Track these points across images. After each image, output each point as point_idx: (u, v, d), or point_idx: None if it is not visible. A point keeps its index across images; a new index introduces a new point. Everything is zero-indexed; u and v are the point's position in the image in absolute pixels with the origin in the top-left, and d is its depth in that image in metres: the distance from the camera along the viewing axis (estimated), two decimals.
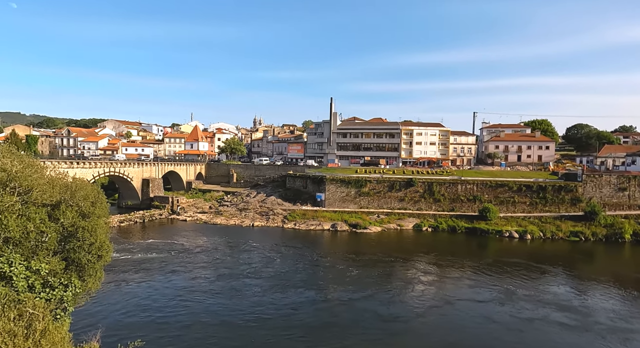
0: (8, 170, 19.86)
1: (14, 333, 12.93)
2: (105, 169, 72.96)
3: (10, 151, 21.24)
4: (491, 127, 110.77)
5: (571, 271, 45.34)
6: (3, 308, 13.76)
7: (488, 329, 28.85)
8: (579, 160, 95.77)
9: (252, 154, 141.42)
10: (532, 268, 45.43)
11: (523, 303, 34.02)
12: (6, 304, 14.86)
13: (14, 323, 13.27)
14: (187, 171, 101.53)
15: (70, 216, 22.06)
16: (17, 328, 13.15)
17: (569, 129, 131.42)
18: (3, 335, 12.63)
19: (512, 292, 37.08)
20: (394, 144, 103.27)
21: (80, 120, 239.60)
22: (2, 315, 13.25)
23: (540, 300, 35.05)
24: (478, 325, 29.55)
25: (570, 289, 38.90)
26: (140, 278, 38.92)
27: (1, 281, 17.34)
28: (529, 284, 39.69)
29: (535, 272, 44.31)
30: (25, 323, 13.79)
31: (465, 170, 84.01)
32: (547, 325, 29.57)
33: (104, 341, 16.53)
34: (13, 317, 13.61)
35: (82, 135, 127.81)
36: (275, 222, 72.07)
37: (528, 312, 32.10)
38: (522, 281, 40.54)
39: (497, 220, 66.32)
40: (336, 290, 36.63)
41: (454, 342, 26.82)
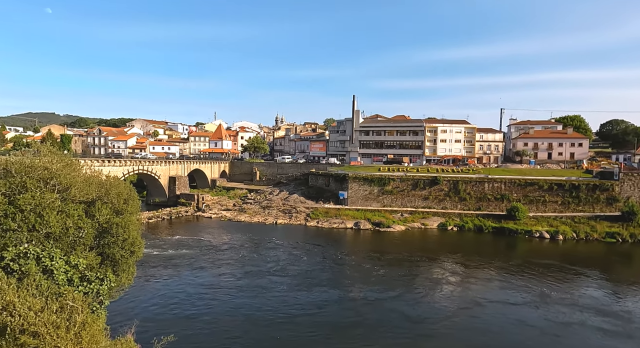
0: (49, 169, 20.70)
1: (56, 324, 13.42)
2: (135, 166, 75.25)
3: (50, 150, 22.17)
4: (519, 123, 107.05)
5: (608, 274, 43.25)
6: (46, 301, 14.34)
7: (522, 333, 27.83)
8: (615, 158, 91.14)
9: (274, 152, 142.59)
10: (565, 270, 43.61)
11: (558, 307, 32.66)
12: (49, 296, 15.51)
13: (56, 316, 13.78)
14: (212, 169, 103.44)
15: (105, 213, 22.80)
16: (59, 320, 13.65)
17: (603, 125, 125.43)
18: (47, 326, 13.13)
19: (546, 294, 35.67)
20: (418, 141, 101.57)
21: (110, 119, 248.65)
22: (45, 308, 13.80)
23: (577, 303, 33.56)
24: (511, 329, 28.57)
25: (608, 293, 37.04)
26: (169, 273, 39.89)
27: (44, 274, 18.13)
28: (564, 287, 38.10)
29: (570, 274, 42.51)
30: (67, 316, 14.28)
31: (493, 168, 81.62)
32: (586, 330, 28.25)
33: (135, 335, 16.98)
34: (55, 309, 14.15)
35: (112, 135, 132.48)
36: (298, 220, 72.39)
37: (564, 316, 30.78)
38: (555, 283, 38.94)
39: (527, 220, 64.11)
40: (362, 289, 36.31)
41: (487, 345, 26.05)
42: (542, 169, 79.80)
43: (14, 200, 18.98)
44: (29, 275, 17.09)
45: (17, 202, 18.93)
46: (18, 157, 20.78)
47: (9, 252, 17.60)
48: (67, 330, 13.73)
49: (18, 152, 22.00)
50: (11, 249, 17.73)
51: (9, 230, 18.49)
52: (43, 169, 20.67)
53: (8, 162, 20.13)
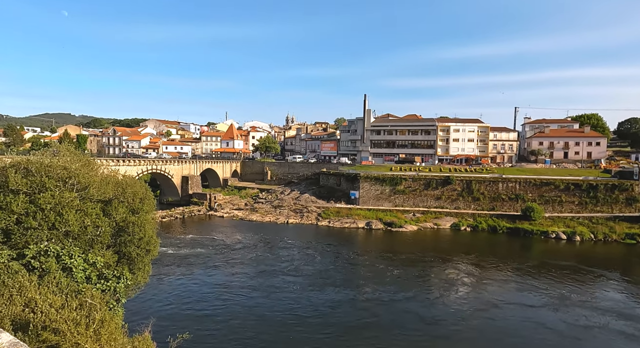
0: (68, 168, 21.05)
1: (77, 321, 13.62)
2: (148, 166, 76.28)
3: (69, 150, 22.56)
4: (534, 122, 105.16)
5: (630, 276, 42.02)
6: (66, 298, 14.56)
7: (541, 335, 27.18)
8: (634, 157, 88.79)
9: (285, 151, 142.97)
10: (584, 271, 42.57)
11: (578, 310, 31.85)
12: (68, 294, 15.77)
13: (76, 313, 13.98)
14: (224, 169, 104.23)
15: (122, 212, 23.09)
16: (79, 317, 13.84)
17: (620, 123, 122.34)
18: (68, 323, 13.33)
19: (565, 296, 34.83)
20: (430, 140, 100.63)
21: (124, 120, 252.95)
22: (65, 305, 14.01)
23: (597, 306, 32.68)
24: (530, 331, 27.91)
25: (630, 295, 35.90)
26: (183, 272, 40.27)
27: (63, 272, 18.45)
28: (583, 289, 37.18)
29: (589, 276, 41.49)
30: (86, 313, 14.48)
31: (507, 167, 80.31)
32: (607, 334, 27.43)
33: (151, 333, 17.09)
34: (75, 307, 14.36)
35: (126, 135, 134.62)
36: (310, 220, 72.38)
37: (584, 319, 30.00)
38: (574, 285, 38.01)
39: (542, 221, 62.87)
40: (375, 289, 35.98)
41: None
42: (559, 169, 78.19)
43: (34, 199, 19.37)
44: (49, 272, 17.42)
45: (37, 200, 19.32)
46: (38, 157, 21.18)
47: (30, 250, 17.96)
48: (86, 327, 13.89)
49: (38, 152, 22.44)
50: (32, 247, 18.09)
51: (30, 229, 18.86)
52: (62, 168, 21.03)
53: (29, 161, 20.54)
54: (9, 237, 18.60)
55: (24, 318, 13.56)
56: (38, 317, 13.28)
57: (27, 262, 17.79)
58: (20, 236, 18.73)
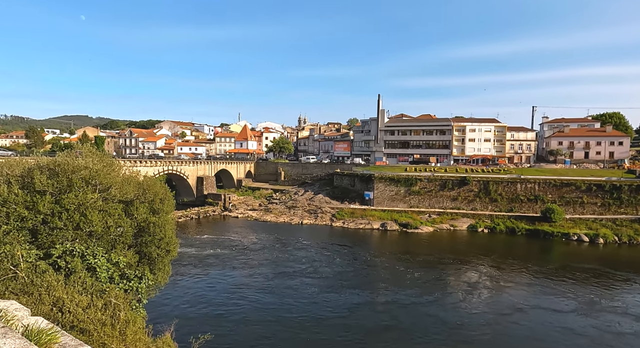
0: (91, 169, 21.34)
1: (103, 321, 13.70)
2: (164, 167, 77.27)
3: (91, 151, 22.90)
4: (553, 121, 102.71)
5: None
6: (92, 298, 14.68)
7: (570, 342, 26.28)
8: None
9: (298, 152, 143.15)
10: (610, 275, 41.16)
11: (610, 316, 30.66)
12: (93, 293, 15.92)
13: (101, 313, 14.06)
14: (238, 169, 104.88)
15: (143, 212, 23.31)
16: (105, 317, 13.93)
17: None
18: (95, 323, 13.41)
19: (594, 301, 33.69)
20: (445, 141, 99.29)
21: (139, 121, 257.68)
22: (92, 304, 14.11)
23: (629, 312, 31.43)
24: (558, 337, 26.96)
25: None
26: (200, 272, 40.52)
27: (88, 272, 18.67)
28: (612, 294, 35.91)
29: (616, 279, 40.07)
30: (111, 313, 14.57)
31: (525, 168, 78.61)
32: None
33: (174, 333, 17.09)
34: (101, 306, 14.47)
35: (142, 136, 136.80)
36: (324, 220, 72.17)
37: (617, 325, 28.86)
38: (602, 290, 36.78)
39: (563, 222, 61.27)
40: (394, 292, 35.37)
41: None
42: (579, 169, 76.14)
43: (59, 199, 19.69)
44: (75, 272, 17.64)
45: (62, 201, 19.63)
46: (63, 158, 21.52)
47: (56, 250, 18.24)
48: (112, 328, 13.96)
49: (62, 153, 22.82)
50: (58, 247, 18.37)
51: (56, 229, 19.18)
52: (85, 169, 21.33)
53: (55, 162, 20.89)
54: (36, 237, 18.95)
55: (52, 317, 13.67)
56: (66, 316, 13.36)
57: (53, 262, 18.08)
58: (47, 236, 19.05)
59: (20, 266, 16.21)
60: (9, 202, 18.48)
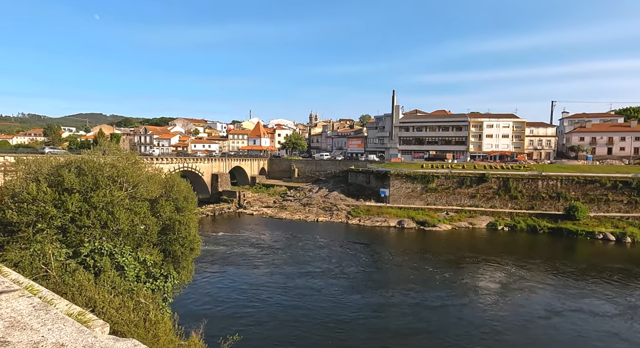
0: (117, 167, 21.09)
1: (135, 322, 13.38)
2: (180, 164, 77.58)
3: (118, 149, 22.71)
4: (574, 116, 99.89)
5: None
6: (123, 298, 14.37)
7: (611, 346, 25.27)
8: None
9: (311, 149, 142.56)
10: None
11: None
12: (123, 293, 15.63)
13: (134, 314, 13.73)
14: (251, 166, 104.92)
15: (168, 210, 23.06)
16: (137, 318, 13.61)
17: None
18: (128, 324, 13.09)
19: (630, 303, 32.32)
20: (461, 137, 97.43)
21: (152, 118, 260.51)
22: (123, 305, 13.78)
23: None
24: (596, 342, 25.84)
25: None
26: (218, 270, 40.39)
27: (117, 271, 18.43)
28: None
29: None
30: (143, 314, 14.25)
31: (546, 164, 76.63)
32: None
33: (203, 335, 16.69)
34: (132, 307, 14.15)
35: (156, 133, 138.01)
36: (339, 218, 71.60)
37: None
38: (637, 291, 35.42)
39: (587, 220, 59.45)
40: (419, 292, 34.40)
41: None
42: (603, 166, 73.83)
43: (87, 197, 19.50)
44: (103, 270, 17.41)
45: (90, 199, 19.42)
46: (90, 156, 21.34)
47: (85, 248, 18.04)
48: (145, 330, 13.63)
49: (89, 150, 22.67)
50: (87, 245, 18.17)
51: (84, 227, 19.00)
52: (111, 167, 21.10)
53: (82, 160, 20.70)
54: (65, 235, 18.80)
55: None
56: (100, 318, 13.00)
57: (82, 260, 17.89)
58: (75, 234, 18.89)
59: (52, 265, 16.00)
60: (38, 200, 18.33)
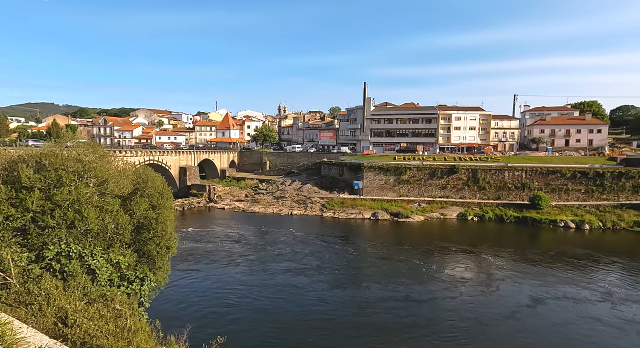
0: (84, 161, 19.11)
1: (114, 333, 12.10)
2: (146, 157, 73.70)
3: (84, 141, 20.58)
4: (535, 110, 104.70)
5: None
6: (98, 307, 12.95)
7: (602, 332, 26.19)
8: (636, 144, 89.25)
9: (282, 141, 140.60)
10: (606, 261, 41.97)
11: (634, 305, 30.76)
12: (97, 300, 14.14)
13: (114, 324, 12.41)
14: (221, 159, 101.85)
15: (143, 208, 21.35)
16: (117, 329, 12.33)
17: (613, 111, 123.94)
18: (109, 338, 11.77)
19: (609, 290, 33.81)
20: (431, 129, 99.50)
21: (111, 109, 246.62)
22: (98, 314, 12.39)
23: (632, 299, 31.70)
24: (590, 329, 26.71)
25: None
26: (188, 269, 38.58)
27: (88, 276, 16.72)
28: (624, 281, 36.25)
29: (620, 266, 40.74)
30: (122, 324, 12.95)
31: (512, 156, 79.84)
32: None
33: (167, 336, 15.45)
34: (110, 316, 12.80)
35: (117, 125, 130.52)
36: (314, 211, 71.07)
37: (626, 311, 29.18)
38: (615, 278, 37.37)
39: (550, 210, 62.62)
40: (402, 286, 34.22)
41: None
42: (564, 157, 78.02)
43: (50, 195, 17.47)
44: (74, 276, 15.73)
45: (54, 197, 17.43)
46: (51, 150, 19.16)
47: (50, 251, 16.18)
48: (124, 340, 12.35)
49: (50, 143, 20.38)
50: (52, 248, 16.30)
51: (48, 228, 17.03)
52: (77, 161, 19.08)
53: (42, 154, 18.50)
54: (26, 238, 16.75)
55: (58, 333, 11.80)
56: (75, 331, 11.56)
57: (47, 265, 16.06)
58: (38, 236, 16.89)
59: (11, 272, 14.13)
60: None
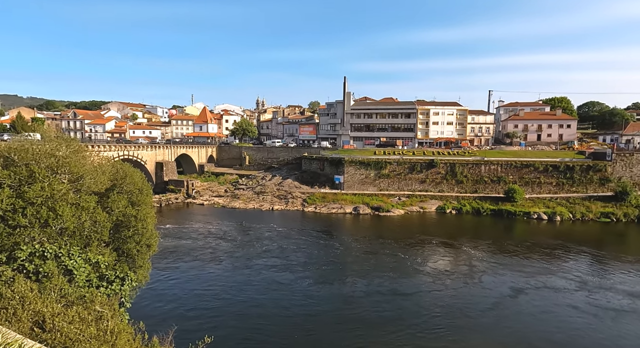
0: (57, 156, 18.08)
1: (95, 336, 11.57)
2: (120, 152, 71.06)
3: (56, 135, 19.46)
4: (509, 105, 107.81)
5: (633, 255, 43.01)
6: (78, 310, 12.33)
7: (578, 318, 27.38)
8: (602, 139, 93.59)
9: (260, 135, 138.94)
10: (581, 251, 43.87)
11: (607, 292, 32.15)
12: (75, 302, 13.49)
13: (93, 327, 11.85)
14: (199, 154, 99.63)
15: (122, 205, 20.49)
16: (99, 332, 11.80)
17: (579, 107, 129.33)
18: (91, 341, 11.23)
19: (584, 279, 35.39)
20: (410, 124, 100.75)
21: (80, 102, 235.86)
22: (77, 317, 11.80)
23: (624, 290, 32.88)
24: (568, 316, 27.83)
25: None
26: (167, 267, 37.73)
27: (65, 276, 15.93)
28: (596, 270, 38.00)
29: (590, 255, 42.77)
30: (104, 327, 12.41)
31: (488, 150, 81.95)
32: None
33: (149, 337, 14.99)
34: (91, 319, 12.23)
35: (88, 118, 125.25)
36: (295, 206, 70.77)
37: (618, 301, 30.34)
38: (586, 266, 39.16)
39: (524, 202, 64.87)
40: (385, 279, 34.51)
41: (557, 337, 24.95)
42: (536, 151, 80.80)
43: (21, 192, 16.43)
44: (50, 277, 14.93)
45: (25, 194, 16.40)
46: (20, 144, 18.01)
47: (22, 251, 15.26)
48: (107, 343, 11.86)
49: (18, 137, 19.13)
50: (25, 248, 15.37)
51: (19, 227, 16.02)
52: (50, 156, 18.03)
53: (10, 149, 17.33)
54: None
55: (35, 338, 11.15)
56: (54, 336, 10.96)
57: (19, 266, 15.15)
58: (8, 236, 15.87)
59: None
60: None
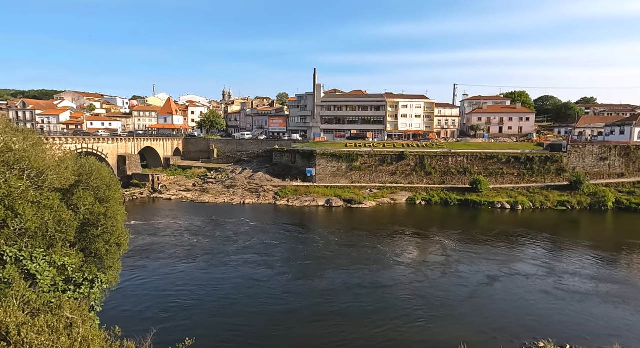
0: (14, 150, 16.43)
1: (66, 345, 10.73)
2: (78, 144, 66.61)
3: (10, 126, 17.66)
4: (473, 99, 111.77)
5: (597, 241, 45.65)
6: (47, 318, 11.31)
7: (551, 305, 28.73)
8: (557, 131, 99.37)
9: (229, 128, 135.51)
10: (543, 238, 46.45)
11: (576, 278, 33.82)
12: (41, 310, 12.41)
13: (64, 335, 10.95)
14: (164, 147, 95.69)
15: (88, 202, 19.07)
16: (69, 341, 10.94)
17: (535, 100, 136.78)
18: None
19: (550, 265, 37.27)
20: (380, 116, 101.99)
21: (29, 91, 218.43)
22: (45, 326, 10.83)
23: (587, 274, 34.90)
24: (539, 301, 29.26)
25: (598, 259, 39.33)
26: (135, 265, 36.09)
27: (26, 281, 14.60)
28: (560, 256, 40.08)
29: (551, 242, 45.26)
30: (75, 335, 11.53)
31: (454, 142, 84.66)
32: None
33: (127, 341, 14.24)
34: (62, 327, 11.28)
35: (39, 108, 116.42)
36: (267, 199, 69.84)
37: (582, 285, 32.22)
38: (549, 253, 41.30)
39: (488, 192, 67.72)
40: (362, 271, 34.74)
41: (532, 324, 25.94)
42: (499, 143, 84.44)
43: None
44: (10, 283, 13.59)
45: None
46: None
47: None
48: None
49: None
50: None
51: None
52: (6, 150, 16.35)
53: None
54: None
55: None
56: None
57: None
58: None
59: None
60: None
